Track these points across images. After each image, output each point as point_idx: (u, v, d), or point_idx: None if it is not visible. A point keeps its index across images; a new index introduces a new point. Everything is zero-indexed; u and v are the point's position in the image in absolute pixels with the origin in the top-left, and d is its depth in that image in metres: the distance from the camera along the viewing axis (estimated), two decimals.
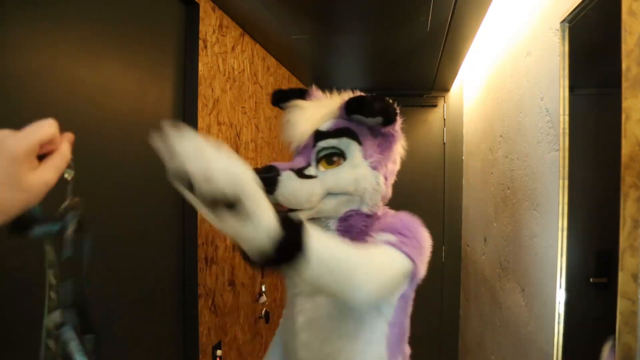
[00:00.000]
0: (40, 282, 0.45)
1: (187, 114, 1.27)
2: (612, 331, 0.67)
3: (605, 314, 0.73)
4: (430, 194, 2.69)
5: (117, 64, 0.98)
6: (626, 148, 0.65)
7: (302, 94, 0.96)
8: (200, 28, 1.28)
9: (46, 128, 0.45)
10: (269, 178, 0.79)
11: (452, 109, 2.66)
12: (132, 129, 1.04)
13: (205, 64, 1.31)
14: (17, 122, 0.73)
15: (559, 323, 0.95)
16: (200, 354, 1.28)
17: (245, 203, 0.46)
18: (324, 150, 0.86)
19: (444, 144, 2.68)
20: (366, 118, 0.82)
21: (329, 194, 0.85)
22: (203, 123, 1.30)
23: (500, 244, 1.57)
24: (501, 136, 1.57)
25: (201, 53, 1.28)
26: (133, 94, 1.04)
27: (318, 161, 0.87)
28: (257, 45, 1.76)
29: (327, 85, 0.80)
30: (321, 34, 1.69)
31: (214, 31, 1.37)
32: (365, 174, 0.85)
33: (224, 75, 1.45)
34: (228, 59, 1.48)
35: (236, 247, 0.97)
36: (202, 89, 1.30)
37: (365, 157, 0.85)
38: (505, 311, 1.46)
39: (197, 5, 1.26)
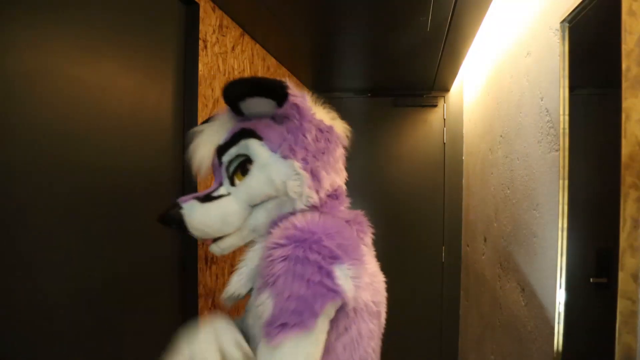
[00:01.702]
0: None
1: (187, 114, 1.27)
2: (612, 331, 0.67)
3: (605, 314, 0.73)
4: (430, 194, 2.69)
5: (117, 64, 0.98)
6: (626, 148, 0.65)
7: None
8: (200, 28, 1.28)
9: None
10: (172, 215, 0.73)
11: (452, 109, 2.66)
12: (132, 129, 1.04)
13: (205, 64, 1.31)
14: (17, 122, 0.73)
15: (559, 323, 0.95)
16: None
17: None
18: (232, 163, 0.76)
19: (444, 144, 2.68)
20: (240, 108, 0.74)
21: (254, 206, 0.76)
22: None
23: (500, 244, 1.57)
24: (501, 136, 1.57)
25: (201, 53, 1.28)
26: (133, 94, 1.04)
27: (232, 177, 0.77)
28: (257, 45, 1.76)
29: (327, 85, 0.77)
30: (321, 34, 1.69)
31: (214, 31, 1.37)
32: (277, 168, 0.73)
33: (224, 75, 1.45)
34: (228, 59, 1.48)
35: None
36: (202, 89, 1.30)
37: (275, 149, 0.74)
38: (505, 311, 1.46)
39: (197, 5, 1.26)
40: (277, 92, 0.71)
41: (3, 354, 0.69)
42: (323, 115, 0.82)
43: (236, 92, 0.72)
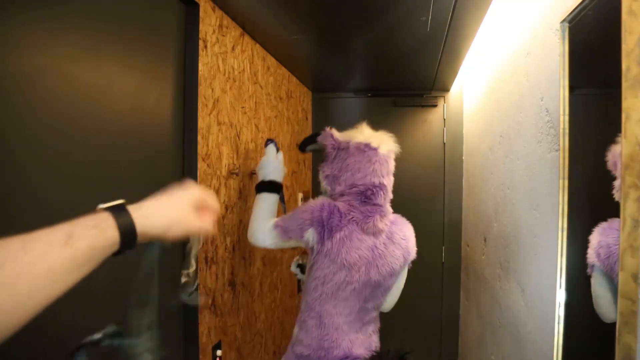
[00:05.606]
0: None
1: (187, 114, 1.27)
2: (612, 331, 0.67)
3: None
4: (430, 194, 2.69)
5: (117, 64, 0.98)
6: (626, 148, 0.65)
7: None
8: (200, 28, 1.28)
9: (209, 195, 0.63)
10: None
11: (452, 109, 2.66)
12: (132, 129, 1.04)
13: (205, 64, 1.31)
14: (17, 122, 0.73)
15: (559, 323, 0.95)
16: (200, 354, 1.28)
17: None
18: None
19: (444, 144, 2.68)
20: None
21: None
22: (203, 123, 1.30)
23: (500, 244, 1.57)
24: (501, 136, 1.57)
25: (201, 53, 1.28)
26: (133, 94, 1.04)
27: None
28: (257, 45, 1.76)
29: (327, 85, 0.77)
30: (321, 34, 1.69)
31: (214, 31, 1.37)
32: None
33: (224, 75, 1.45)
34: (228, 59, 1.48)
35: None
36: (202, 89, 1.30)
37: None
38: (505, 311, 1.46)
39: (197, 5, 1.26)
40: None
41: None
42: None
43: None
